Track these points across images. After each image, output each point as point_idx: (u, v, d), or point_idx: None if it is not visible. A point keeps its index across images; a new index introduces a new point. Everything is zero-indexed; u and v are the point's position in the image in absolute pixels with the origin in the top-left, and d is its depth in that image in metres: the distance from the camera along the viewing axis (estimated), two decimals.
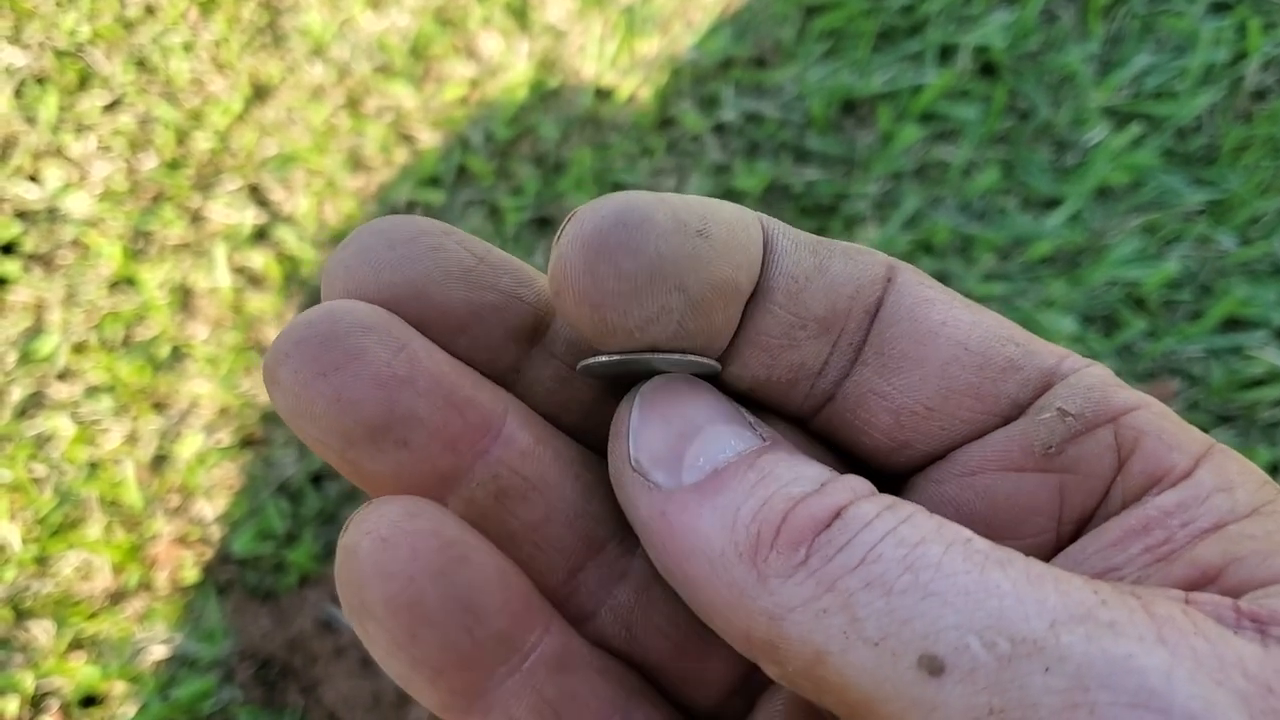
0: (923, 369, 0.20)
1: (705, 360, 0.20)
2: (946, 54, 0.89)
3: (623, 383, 0.21)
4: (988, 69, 0.89)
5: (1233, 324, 0.83)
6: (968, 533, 0.15)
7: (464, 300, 0.20)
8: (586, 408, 0.21)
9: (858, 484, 0.17)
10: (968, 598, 0.14)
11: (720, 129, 0.88)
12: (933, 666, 0.14)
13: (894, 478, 0.22)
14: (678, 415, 0.19)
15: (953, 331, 0.20)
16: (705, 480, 0.17)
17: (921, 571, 0.15)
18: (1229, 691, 0.13)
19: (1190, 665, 0.13)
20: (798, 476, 0.17)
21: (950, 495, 0.20)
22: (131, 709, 0.77)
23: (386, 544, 0.17)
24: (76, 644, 0.79)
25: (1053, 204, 0.87)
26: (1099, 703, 0.13)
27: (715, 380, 0.21)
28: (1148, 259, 0.85)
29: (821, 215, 0.86)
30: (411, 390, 0.18)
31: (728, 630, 0.17)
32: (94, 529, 0.80)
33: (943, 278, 0.85)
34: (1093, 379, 0.20)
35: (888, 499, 0.16)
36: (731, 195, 0.87)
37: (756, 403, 0.21)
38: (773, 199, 0.87)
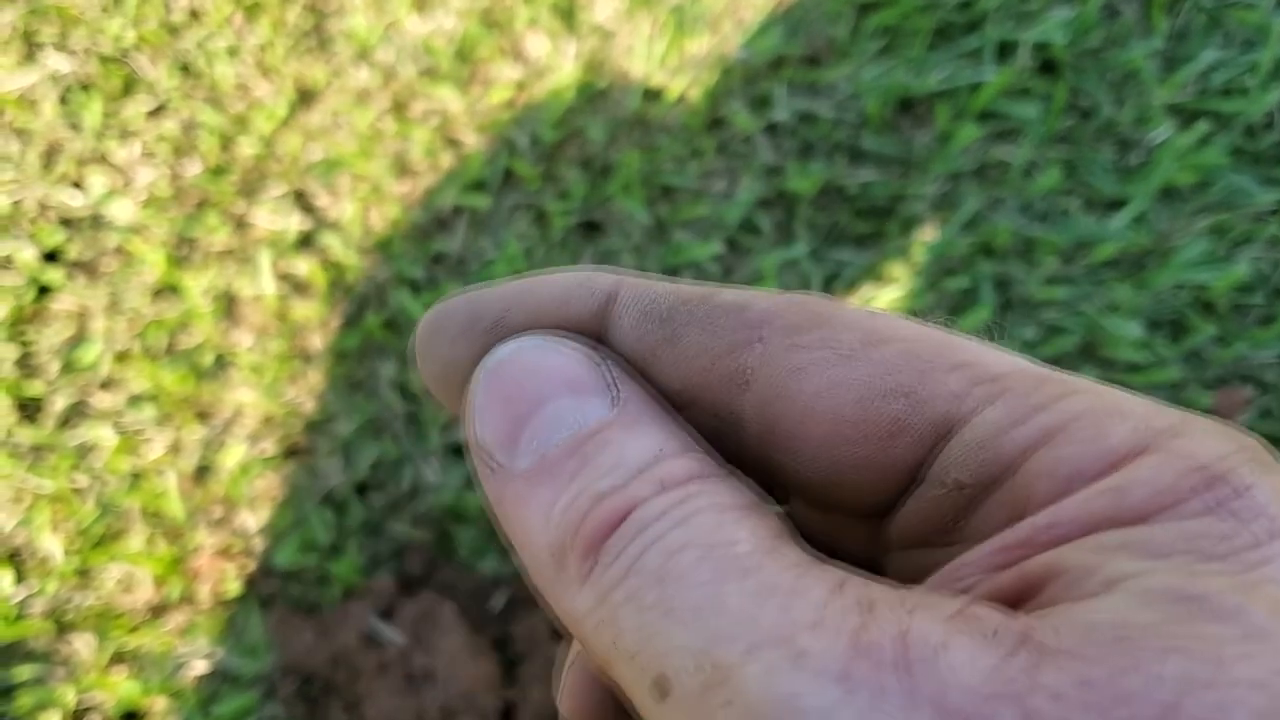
0: (812, 448, 0.18)
1: None
2: (1005, 51, 0.87)
3: None
4: (1048, 66, 0.86)
5: None
6: (738, 534, 0.15)
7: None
8: None
9: (677, 467, 0.16)
10: (697, 615, 0.14)
11: (772, 129, 0.86)
12: (661, 689, 0.14)
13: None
14: (518, 391, 0.18)
15: (828, 403, 0.18)
16: (533, 468, 0.17)
17: (668, 585, 0.14)
18: None
19: (862, 707, 0.12)
20: (618, 464, 0.16)
21: (896, 568, 0.19)
22: None
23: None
24: (118, 658, 0.77)
25: (1117, 205, 0.84)
26: None
27: None
28: (1216, 261, 0.82)
29: (878, 217, 0.84)
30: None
31: (558, 613, 0.17)
32: (136, 541, 0.79)
33: (1004, 282, 0.82)
34: (985, 426, 0.17)
35: (690, 490, 0.16)
36: (784, 197, 0.84)
37: None
38: (827, 201, 0.84)
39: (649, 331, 0.19)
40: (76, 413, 0.82)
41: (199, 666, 0.77)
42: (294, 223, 0.85)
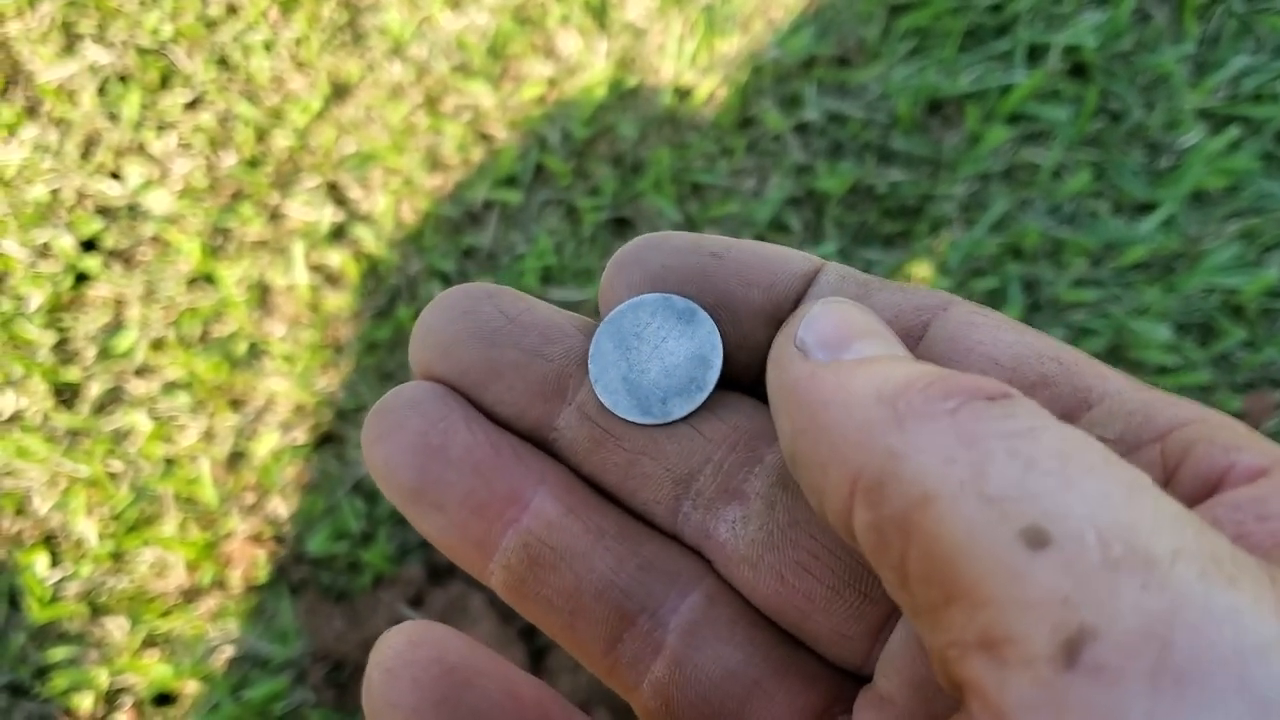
0: None
1: None
2: (1036, 53, 0.87)
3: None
4: (1078, 69, 0.87)
5: None
6: (1138, 471, 0.14)
7: (482, 358, 0.21)
8: (623, 469, 0.22)
9: None
10: (1106, 500, 0.13)
11: (802, 129, 0.86)
12: (1036, 539, 0.13)
13: None
14: (858, 319, 0.19)
15: (988, 349, 0.20)
16: (865, 359, 0.17)
17: (1073, 465, 0.14)
18: None
19: None
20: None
21: None
22: (204, 708, 0.76)
23: (390, 675, 0.18)
24: (150, 641, 0.78)
25: (1146, 208, 0.84)
26: (1178, 642, 0.12)
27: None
28: (1246, 266, 0.82)
29: (906, 217, 0.84)
30: (443, 459, 0.20)
31: (836, 471, 0.16)
32: (169, 526, 0.80)
33: (1032, 283, 0.83)
34: (1135, 402, 0.18)
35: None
36: (814, 196, 0.85)
37: None
38: (856, 200, 0.85)
39: (845, 289, 0.21)
40: (112, 399, 0.84)
41: (230, 651, 0.78)
42: (327, 215, 0.86)
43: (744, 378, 0.22)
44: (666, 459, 0.21)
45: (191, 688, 0.77)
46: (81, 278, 0.86)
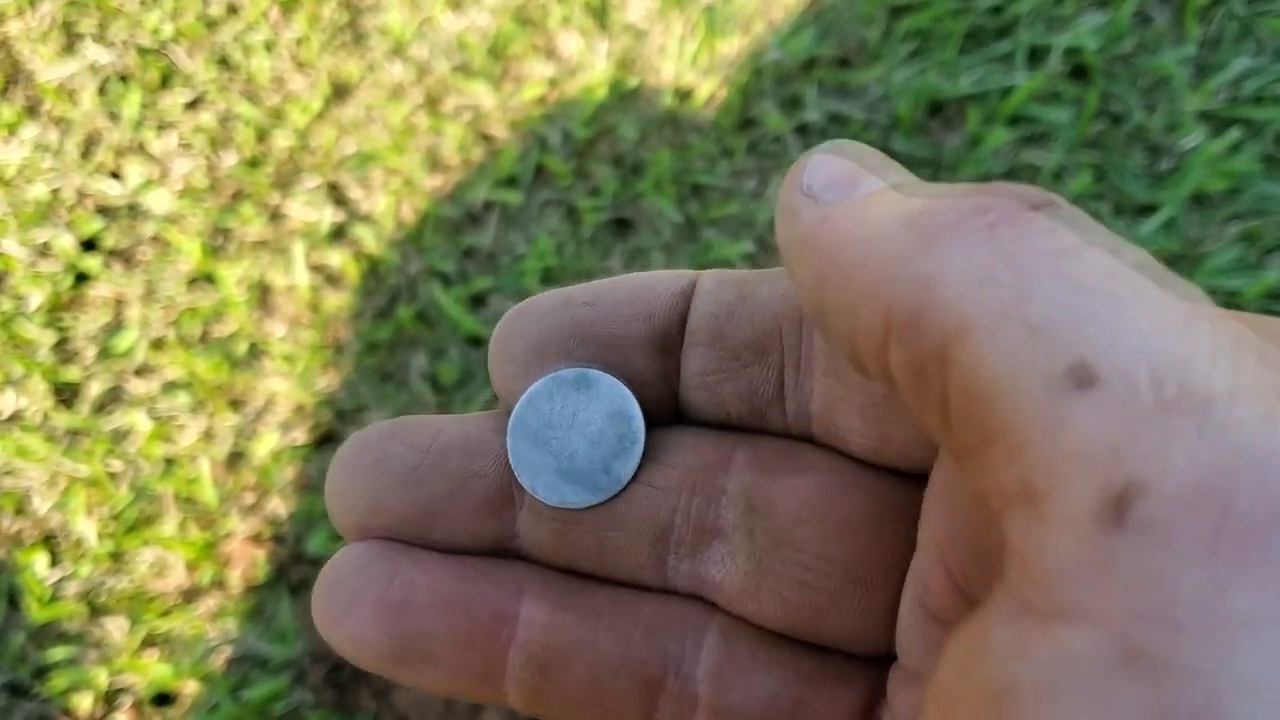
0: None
1: None
2: (1037, 55, 0.87)
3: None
4: (1079, 71, 0.87)
5: None
6: (1195, 290, 0.13)
7: (413, 502, 0.20)
8: (596, 551, 0.21)
9: None
10: (1164, 332, 0.12)
11: (803, 130, 0.86)
12: (1082, 377, 0.11)
13: None
14: (866, 156, 0.17)
15: None
16: (881, 190, 0.15)
17: (1124, 285, 0.12)
18: None
19: None
20: None
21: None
22: (203, 709, 0.76)
23: None
24: (150, 641, 0.78)
25: (1147, 210, 0.84)
26: (1236, 494, 0.10)
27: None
28: (1247, 268, 0.82)
29: None
30: (412, 612, 0.19)
31: (868, 311, 0.14)
32: (169, 526, 0.80)
33: None
34: None
35: None
36: None
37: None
38: None
39: (724, 295, 0.21)
40: (112, 398, 0.84)
41: (229, 651, 0.78)
42: (327, 215, 0.86)
43: (662, 412, 0.22)
44: (634, 526, 0.21)
45: (191, 688, 0.77)
46: (81, 277, 0.86)
